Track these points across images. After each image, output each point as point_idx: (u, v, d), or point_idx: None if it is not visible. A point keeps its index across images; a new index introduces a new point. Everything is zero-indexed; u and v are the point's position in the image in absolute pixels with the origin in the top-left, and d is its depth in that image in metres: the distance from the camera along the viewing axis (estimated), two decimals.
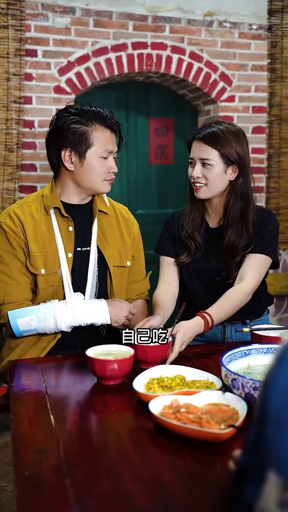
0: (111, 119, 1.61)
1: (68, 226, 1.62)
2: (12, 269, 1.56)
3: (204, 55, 3.28)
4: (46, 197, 1.62)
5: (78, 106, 1.62)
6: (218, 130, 1.65)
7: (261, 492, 0.53)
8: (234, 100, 3.39)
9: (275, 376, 0.56)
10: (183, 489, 0.85)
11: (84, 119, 1.57)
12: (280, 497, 0.52)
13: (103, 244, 1.66)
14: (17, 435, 1.03)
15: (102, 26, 3.06)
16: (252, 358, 1.27)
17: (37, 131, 3.02)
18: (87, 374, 1.33)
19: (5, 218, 1.59)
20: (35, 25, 2.94)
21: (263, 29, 3.39)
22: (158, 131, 3.55)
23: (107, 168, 1.60)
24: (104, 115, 1.60)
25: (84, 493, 0.84)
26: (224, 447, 0.96)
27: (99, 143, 1.57)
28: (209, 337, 1.81)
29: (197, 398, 1.09)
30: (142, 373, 1.24)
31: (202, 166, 1.65)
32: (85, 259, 1.64)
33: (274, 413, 0.54)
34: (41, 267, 1.57)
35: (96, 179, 1.59)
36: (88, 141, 1.56)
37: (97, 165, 1.58)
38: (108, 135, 1.59)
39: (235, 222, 1.68)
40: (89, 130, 1.56)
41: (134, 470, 0.90)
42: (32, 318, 1.51)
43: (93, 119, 1.57)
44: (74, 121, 1.56)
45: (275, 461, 0.52)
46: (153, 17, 3.15)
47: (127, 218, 1.79)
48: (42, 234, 1.58)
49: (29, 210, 1.60)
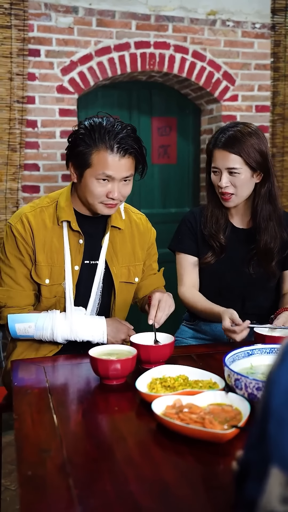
0: (123, 143, 1.46)
1: (78, 239, 1.58)
2: (17, 273, 1.55)
3: (207, 54, 3.28)
4: (60, 207, 1.57)
5: (93, 121, 1.50)
6: (237, 132, 1.62)
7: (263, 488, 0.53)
8: (237, 99, 3.38)
9: (277, 373, 0.56)
10: (186, 489, 0.85)
11: (90, 138, 1.47)
12: (283, 492, 0.52)
13: (112, 259, 1.62)
14: (20, 434, 1.04)
15: (105, 26, 3.06)
16: (255, 358, 1.27)
17: (40, 130, 3.02)
18: (90, 374, 1.33)
19: (16, 222, 1.55)
20: (38, 24, 2.94)
21: (266, 28, 3.38)
22: (161, 131, 3.55)
23: (104, 192, 1.49)
24: (114, 137, 1.45)
25: (87, 492, 0.84)
26: (227, 447, 0.96)
27: (97, 166, 1.46)
28: (215, 335, 1.81)
29: (200, 398, 1.09)
30: (145, 373, 1.24)
31: (230, 175, 1.63)
32: (91, 272, 1.60)
33: (277, 410, 0.54)
34: (45, 277, 1.54)
35: (91, 199, 1.51)
36: (86, 161, 1.47)
37: (92, 187, 1.49)
38: (111, 159, 1.46)
39: (267, 225, 1.68)
40: (91, 150, 1.46)
41: (137, 470, 0.91)
42: (30, 326, 1.51)
43: (99, 139, 1.46)
44: (81, 137, 1.48)
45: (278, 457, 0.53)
46: (156, 16, 3.15)
47: (142, 231, 1.71)
48: (51, 244, 1.55)
49: (42, 217, 1.56)
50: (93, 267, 1.60)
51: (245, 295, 1.74)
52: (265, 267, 1.70)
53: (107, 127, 1.47)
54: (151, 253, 1.74)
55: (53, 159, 3.07)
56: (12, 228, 1.55)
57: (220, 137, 1.64)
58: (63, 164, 3.09)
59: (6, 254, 1.56)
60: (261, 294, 1.75)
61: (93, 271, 1.60)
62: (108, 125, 1.47)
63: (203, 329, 1.83)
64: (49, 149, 3.06)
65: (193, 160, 3.66)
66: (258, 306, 1.76)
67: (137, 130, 1.59)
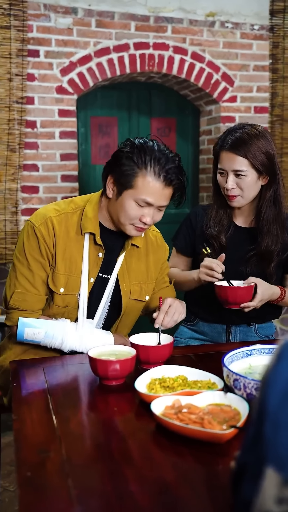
0: (171, 173, 1.43)
1: (98, 252, 1.55)
2: (35, 277, 1.50)
3: (206, 56, 3.28)
4: (86, 217, 1.52)
5: (145, 142, 1.46)
6: (244, 134, 1.62)
7: (259, 488, 0.53)
8: (236, 101, 3.39)
9: (273, 374, 0.56)
10: (185, 489, 0.85)
11: (139, 159, 1.43)
12: (278, 493, 0.52)
13: (123, 276, 1.60)
14: (20, 435, 1.04)
15: (104, 27, 3.07)
16: (254, 359, 1.28)
17: (39, 131, 3.03)
18: (89, 375, 1.33)
19: (41, 224, 1.49)
20: (37, 25, 2.95)
21: (265, 30, 3.39)
22: (160, 131, 3.56)
23: (139, 215, 1.46)
24: (163, 165, 1.43)
25: (87, 493, 0.84)
26: (226, 447, 0.96)
27: (140, 190, 1.43)
28: (214, 336, 1.81)
29: (199, 398, 1.09)
30: (144, 373, 1.24)
31: (236, 177, 1.63)
32: (103, 286, 1.58)
33: (272, 411, 0.54)
34: (61, 286, 1.51)
35: (123, 219, 1.48)
36: (130, 182, 1.43)
37: (129, 208, 1.45)
38: (156, 187, 1.43)
39: (270, 227, 1.69)
40: (137, 173, 1.43)
41: (136, 470, 0.91)
42: (40, 332, 1.49)
43: (149, 164, 1.42)
44: (130, 156, 1.44)
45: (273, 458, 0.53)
46: (155, 17, 3.16)
47: (156, 249, 1.68)
48: (71, 253, 1.52)
49: (66, 224, 1.51)
50: (105, 280, 1.58)
51: None
52: (263, 268, 1.70)
53: (158, 153, 1.43)
54: (163, 267, 1.73)
55: (52, 159, 3.07)
56: (35, 230, 1.49)
57: (227, 138, 1.63)
58: (63, 164, 3.09)
59: (26, 255, 1.50)
60: None
61: (104, 285, 1.58)
62: (159, 152, 1.44)
63: (202, 329, 1.84)
64: (49, 149, 3.06)
65: (192, 161, 3.66)
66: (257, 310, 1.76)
67: (136, 131, 1.58)
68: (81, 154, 3.35)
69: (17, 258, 1.53)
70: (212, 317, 1.80)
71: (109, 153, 3.40)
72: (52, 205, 1.57)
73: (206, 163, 3.57)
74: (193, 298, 1.85)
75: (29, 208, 3.05)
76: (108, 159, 1.58)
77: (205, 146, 3.58)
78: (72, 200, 1.59)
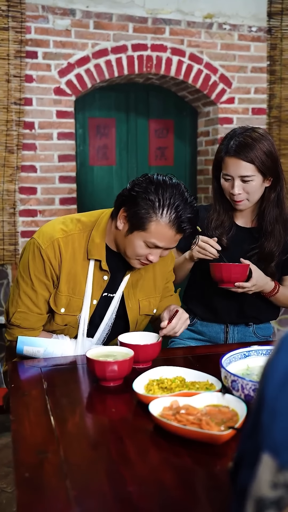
0: (185, 221, 1.38)
1: (103, 275, 1.52)
2: (39, 297, 1.49)
3: (203, 57, 3.29)
4: (93, 243, 1.49)
5: (165, 184, 1.38)
6: (248, 139, 1.61)
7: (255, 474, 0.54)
8: (233, 102, 3.40)
9: (272, 364, 0.58)
10: (183, 491, 0.86)
11: (157, 203, 1.36)
12: (273, 478, 0.53)
13: (129, 294, 1.58)
14: (18, 436, 1.04)
15: (102, 28, 3.07)
16: (252, 360, 1.28)
17: (37, 132, 3.03)
18: (87, 376, 1.33)
19: (47, 247, 1.46)
20: (35, 27, 2.95)
21: (262, 31, 3.40)
22: (158, 133, 3.56)
23: (145, 254, 1.43)
24: (180, 215, 1.37)
25: (85, 494, 0.84)
26: (224, 448, 0.96)
27: (152, 234, 1.39)
28: (212, 336, 1.82)
29: (196, 399, 1.09)
30: (142, 374, 1.24)
31: (243, 182, 1.63)
32: (107, 304, 1.56)
33: (270, 401, 0.56)
34: (62, 306, 1.50)
35: (129, 254, 1.46)
36: (143, 224, 1.38)
37: (137, 247, 1.42)
38: (169, 234, 1.39)
39: (273, 228, 1.70)
40: (152, 217, 1.37)
41: (134, 471, 0.91)
42: (39, 350, 1.49)
43: (166, 211, 1.36)
44: (145, 197, 1.37)
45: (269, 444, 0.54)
46: (153, 19, 3.16)
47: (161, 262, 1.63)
48: (75, 276, 1.49)
49: (72, 246, 1.48)
50: (109, 299, 1.57)
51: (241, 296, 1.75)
52: (264, 268, 1.71)
53: (177, 200, 1.37)
54: (169, 276, 1.71)
55: (50, 160, 3.07)
56: (41, 252, 1.46)
57: (231, 144, 1.62)
58: (60, 165, 3.09)
59: (30, 275, 1.48)
60: (258, 298, 1.75)
61: (108, 303, 1.57)
62: (178, 197, 1.37)
63: (201, 329, 1.84)
64: (46, 150, 3.06)
65: (190, 162, 3.67)
66: (255, 307, 1.77)
67: (134, 132, 1.55)
68: (79, 155, 3.35)
69: (21, 276, 1.51)
70: (211, 317, 1.80)
71: (107, 154, 3.40)
72: (59, 224, 1.52)
73: (203, 164, 3.57)
74: (192, 297, 1.85)
75: (27, 209, 3.05)
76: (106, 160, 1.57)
77: (202, 147, 3.58)
78: (80, 219, 1.54)
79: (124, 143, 3.46)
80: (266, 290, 1.68)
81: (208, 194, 3.49)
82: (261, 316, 1.79)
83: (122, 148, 3.46)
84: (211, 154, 3.46)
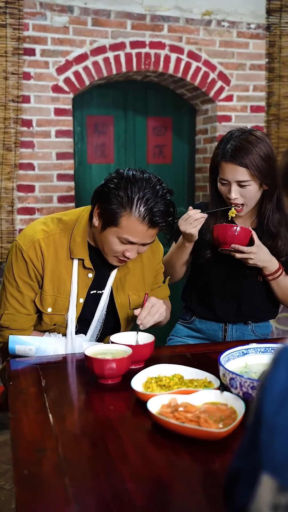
0: (157, 215, 1.37)
1: (88, 273, 1.53)
2: (25, 297, 1.51)
3: (202, 54, 3.29)
4: (75, 242, 1.50)
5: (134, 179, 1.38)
6: (244, 143, 1.59)
7: (254, 494, 0.53)
8: (232, 100, 3.39)
9: (269, 380, 0.56)
10: (181, 488, 0.86)
11: (126, 198, 1.36)
12: (273, 499, 0.51)
13: (117, 289, 1.58)
14: (16, 433, 1.04)
15: (100, 25, 3.06)
16: (250, 357, 1.28)
17: (35, 130, 3.02)
18: (86, 373, 1.33)
19: (29, 248, 1.47)
20: (33, 24, 2.94)
21: (261, 29, 3.39)
22: (156, 130, 3.55)
23: (121, 250, 1.44)
24: (151, 208, 1.36)
25: (83, 491, 0.84)
26: (222, 445, 0.97)
27: (124, 229, 1.39)
28: (210, 334, 1.82)
29: (195, 397, 1.10)
30: (140, 372, 1.24)
31: (239, 187, 1.61)
32: (96, 301, 1.57)
33: (269, 417, 0.54)
34: (48, 306, 1.51)
35: (106, 251, 1.47)
36: (114, 220, 1.39)
37: (112, 244, 1.43)
38: (141, 229, 1.39)
39: (278, 231, 1.69)
40: (122, 212, 1.37)
41: (133, 469, 0.91)
42: (30, 348, 1.50)
43: (135, 205, 1.36)
44: (115, 193, 1.38)
45: (269, 464, 0.52)
46: (151, 16, 3.15)
47: (151, 253, 1.64)
48: (60, 275, 1.50)
49: (54, 246, 1.49)
50: (98, 296, 1.58)
51: (239, 294, 1.75)
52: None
53: (147, 193, 1.36)
54: (158, 268, 1.71)
55: (48, 158, 3.07)
56: (23, 253, 1.48)
57: (228, 148, 1.60)
58: (58, 163, 3.09)
59: (15, 277, 1.50)
60: (256, 295, 1.76)
61: (97, 301, 1.58)
62: (148, 191, 1.37)
63: (199, 327, 1.84)
64: (44, 148, 3.05)
65: (188, 160, 3.66)
66: (253, 307, 1.77)
67: (132, 130, 1.54)
68: (77, 153, 3.34)
69: (7, 278, 1.53)
70: (209, 315, 1.80)
71: (105, 152, 3.40)
72: (40, 225, 1.53)
73: (202, 162, 3.57)
74: (191, 295, 1.85)
75: (25, 207, 3.05)
76: (104, 158, 1.56)
77: (201, 145, 3.58)
78: (61, 218, 1.54)
79: (122, 141, 3.46)
80: (269, 268, 1.65)
81: (206, 193, 3.48)
82: (259, 314, 1.79)
83: (120, 146, 3.45)
84: (209, 152, 3.45)
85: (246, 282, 1.73)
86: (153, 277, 1.69)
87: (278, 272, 1.67)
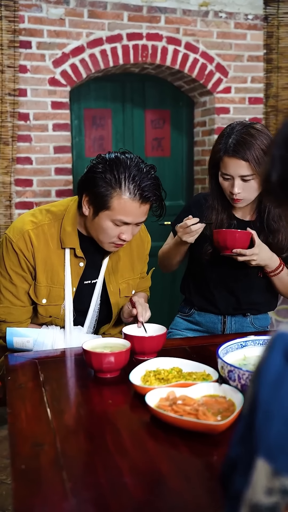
0: (147, 190, 1.39)
1: (79, 262, 1.54)
2: (19, 289, 1.51)
3: (199, 46, 3.26)
4: (65, 232, 1.50)
5: (117, 159, 1.40)
6: (246, 137, 1.57)
7: (249, 480, 0.53)
8: (230, 91, 3.37)
9: (264, 365, 0.56)
10: (180, 481, 0.86)
11: (113, 179, 1.38)
12: (268, 484, 0.52)
13: (109, 278, 1.60)
14: (14, 428, 1.04)
15: (96, 17, 3.03)
16: (249, 350, 1.28)
17: (32, 124, 3.00)
18: (84, 367, 1.33)
19: (18, 240, 1.48)
20: (29, 16, 2.91)
21: (259, 19, 3.36)
22: (154, 123, 3.53)
23: (117, 234, 1.44)
24: (139, 183, 1.38)
25: (81, 485, 0.84)
26: (221, 438, 0.96)
27: (116, 211, 1.40)
28: (209, 326, 1.82)
29: (193, 390, 1.09)
30: (139, 365, 1.24)
31: (243, 181, 1.60)
32: (90, 291, 1.59)
33: (264, 404, 0.54)
34: (43, 297, 1.52)
35: (101, 238, 1.47)
36: (105, 203, 1.39)
37: (106, 228, 1.43)
38: (133, 207, 1.40)
39: (279, 226, 1.68)
40: (113, 193, 1.38)
41: (131, 462, 0.91)
42: (28, 340, 1.50)
43: (124, 183, 1.38)
44: (102, 176, 1.39)
45: (264, 448, 0.53)
46: (148, 7, 3.12)
47: (140, 243, 1.68)
48: (52, 265, 1.51)
49: (44, 237, 1.49)
50: (92, 285, 1.59)
51: (239, 286, 1.75)
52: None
53: (133, 169, 1.38)
54: (145, 259, 1.74)
55: (46, 152, 3.05)
56: (13, 245, 1.48)
57: (230, 142, 1.59)
58: (56, 157, 3.07)
59: (7, 269, 1.50)
60: (256, 287, 1.75)
61: (91, 290, 1.59)
62: (133, 167, 1.39)
63: (198, 320, 1.84)
64: (42, 142, 3.03)
65: (187, 152, 3.65)
66: (252, 299, 1.76)
67: (130, 122, 1.55)
68: (75, 146, 3.33)
69: (0, 273, 1.53)
70: (208, 307, 1.80)
71: (103, 145, 3.38)
72: (28, 216, 1.53)
73: (200, 155, 3.55)
74: (189, 287, 1.85)
75: (23, 202, 3.03)
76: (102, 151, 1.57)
77: (199, 137, 3.56)
78: (49, 209, 1.55)
79: (120, 134, 3.44)
80: (270, 266, 1.65)
81: (205, 185, 3.47)
82: (258, 306, 1.79)
83: (118, 139, 3.43)
84: (208, 144, 3.43)
85: (246, 274, 1.73)
86: (142, 266, 1.71)
87: (279, 268, 1.68)
